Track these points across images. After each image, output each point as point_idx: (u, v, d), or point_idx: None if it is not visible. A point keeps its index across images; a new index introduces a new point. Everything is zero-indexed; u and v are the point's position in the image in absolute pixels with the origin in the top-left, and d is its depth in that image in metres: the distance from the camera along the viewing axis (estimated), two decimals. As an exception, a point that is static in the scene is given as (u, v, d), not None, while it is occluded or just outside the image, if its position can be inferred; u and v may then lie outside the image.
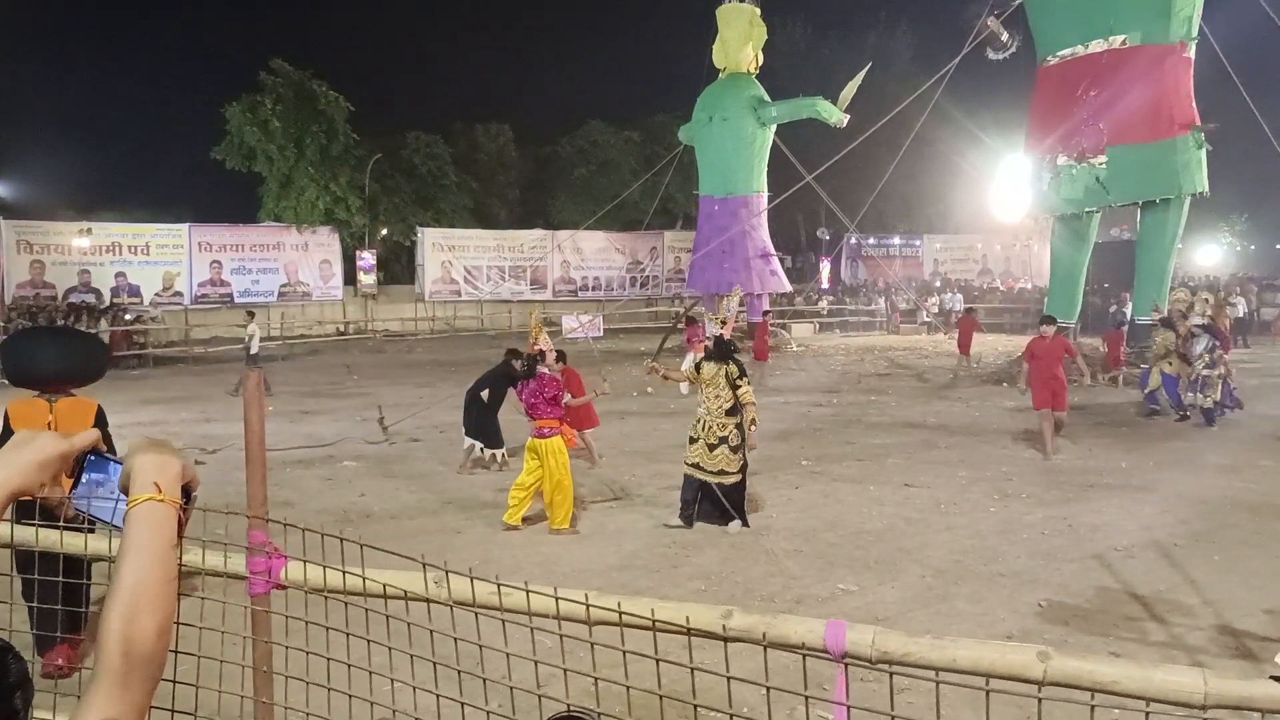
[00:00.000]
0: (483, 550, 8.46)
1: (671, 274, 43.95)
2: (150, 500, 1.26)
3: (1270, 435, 13.61)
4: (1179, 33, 19.66)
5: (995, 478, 11.09)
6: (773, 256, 30.69)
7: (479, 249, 40.93)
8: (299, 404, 17.95)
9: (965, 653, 2.13)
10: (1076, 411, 16.15)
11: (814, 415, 16.15)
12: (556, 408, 9.10)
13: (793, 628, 2.27)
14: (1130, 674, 2.01)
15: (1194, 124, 19.70)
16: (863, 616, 6.43)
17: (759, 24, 30.02)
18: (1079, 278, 22.69)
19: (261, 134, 35.67)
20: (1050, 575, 7.51)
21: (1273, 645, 5.96)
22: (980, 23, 22.18)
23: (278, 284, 37.10)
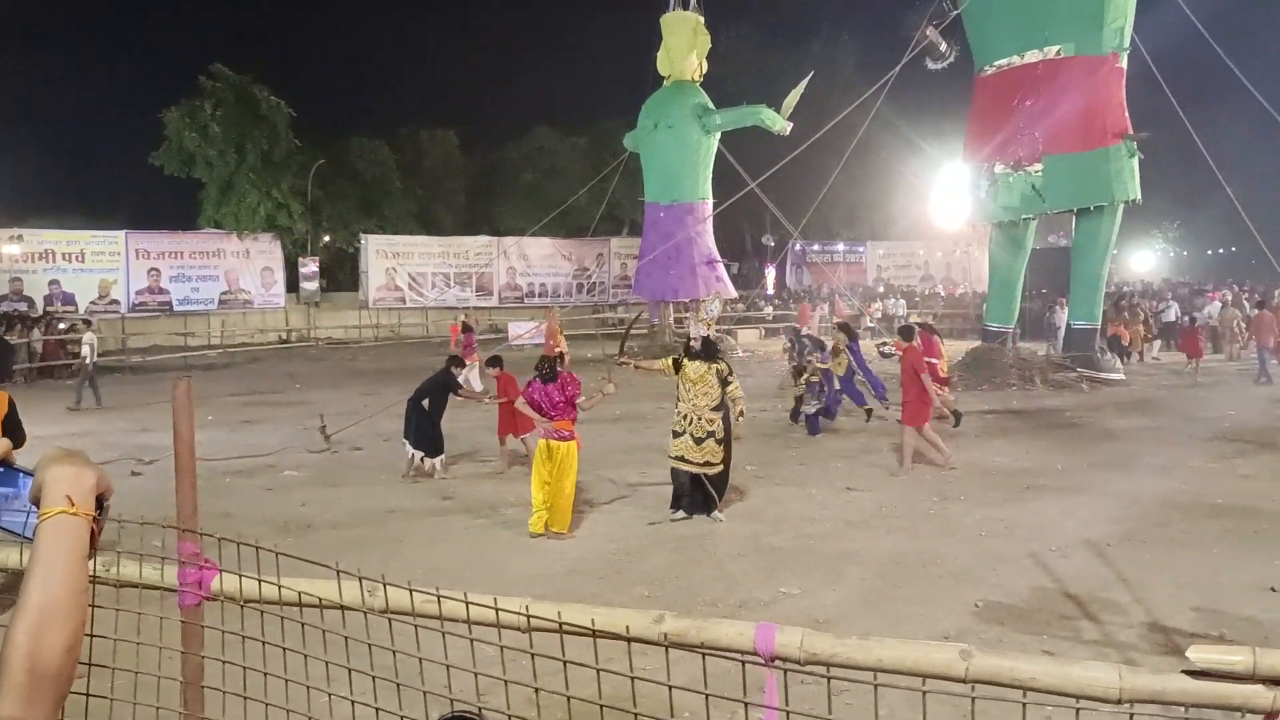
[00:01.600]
0: (427, 559, 8.42)
1: (618, 280, 43.98)
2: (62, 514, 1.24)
3: (1199, 437, 13.94)
4: (1111, 44, 20.11)
5: (935, 480, 11.25)
6: (718, 263, 30.85)
7: (424, 256, 40.65)
8: (239, 413, 17.71)
9: (890, 652, 2.17)
10: (1016, 415, 16.47)
11: (759, 420, 16.23)
12: (574, 409, 9.33)
13: (723, 630, 2.30)
14: (1049, 670, 2.07)
15: (1126, 133, 20.16)
16: (804, 619, 6.50)
17: (703, 32, 30.18)
18: (1017, 284, 23.08)
19: (201, 139, 35.16)
20: (988, 575, 7.65)
21: (1201, 642, 6.11)
22: (919, 33, 22.49)
23: (218, 291, 36.55)
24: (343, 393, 20.69)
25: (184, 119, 35.02)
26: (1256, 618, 6.61)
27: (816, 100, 29.68)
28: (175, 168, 36.03)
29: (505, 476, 11.93)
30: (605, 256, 44.24)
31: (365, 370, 26.72)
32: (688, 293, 30.10)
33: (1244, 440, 13.55)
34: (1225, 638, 6.17)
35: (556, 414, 9.23)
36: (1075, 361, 21.00)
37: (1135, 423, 15.51)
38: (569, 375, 9.48)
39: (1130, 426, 15.15)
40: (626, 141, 31.85)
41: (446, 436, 12.24)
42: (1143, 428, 15.04)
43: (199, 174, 36.22)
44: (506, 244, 41.29)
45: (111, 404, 19.23)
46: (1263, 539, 8.61)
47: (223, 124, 35.18)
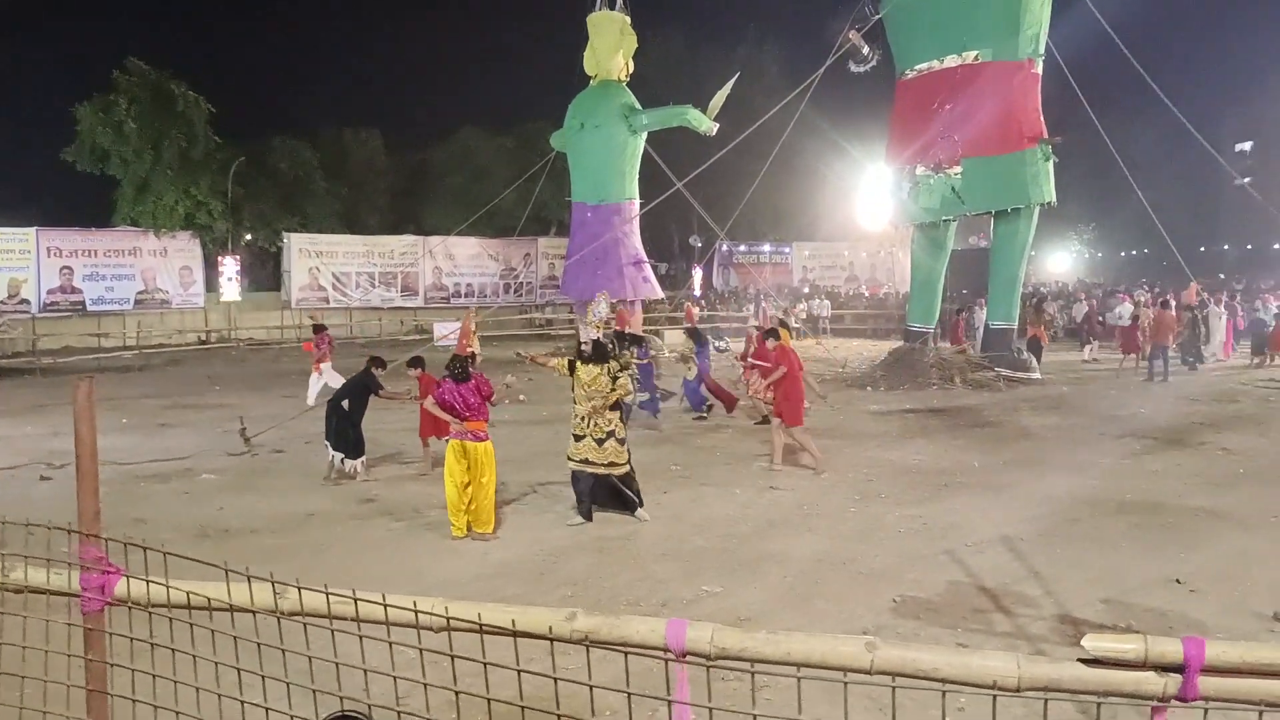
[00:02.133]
0: (348, 563, 8.32)
1: (545, 280, 43.86)
2: None
3: (1110, 436, 14.34)
4: (1027, 50, 20.60)
5: (856, 480, 11.42)
6: (645, 263, 30.91)
7: (348, 255, 40.09)
8: (156, 416, 17.31)
9: (798, 646, 2.22)
10: (936, 414, 16.78)
11: (682, 421, 16.35)
12: (484, 409, 9.29)
13: (635, 627, 2.33)
14: (950, 660, 2.13)
15: (1042, 137, 20.66)
16: (726, 618, 6.56)
17: (629, 32, 30.20)
18: (938, 284, 23.53)
19: (115, 136, 34.25)
20: (905, 572, 7.78)
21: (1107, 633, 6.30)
22: (842, 37, 22.82)
23: (134, 291, 35.63)
24: (264, 395, 20.34)
25: (97, 115, 34.09)
26: (1162, 609, 6.82)
27: (742, 102, 29.93)
28: (89, 164, 35.05)
29: (428, 478, 11.82)
30: (532, 256, 44.08)
31: (288, 372, 26.25)
32: (615, 293, 30.06)
33: (1152, 438, 13.97)
34: (1132, 628, 6.36)
35: (470, 414, 9.18)
36: (994, 361, 21.46)
37: (1049, 421, 15.90)
38: (481, 375, 9.44)
39: (1045, 425, 15.53)
40: (553, 141, 31.78)
41: (369, 439, 12.10)
42: (1056, 426, 15.42)
43: (114, 171, 35.29)
44: (432, 244, 40.93)
45: (21, 407, 18.66)
46: (1169, 533, 8.90)
47: (138, 120, 34.31)
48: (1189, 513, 9.62)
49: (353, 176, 44.36)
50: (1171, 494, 10.44)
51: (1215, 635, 5.95)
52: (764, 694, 4.76)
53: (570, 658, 2.46)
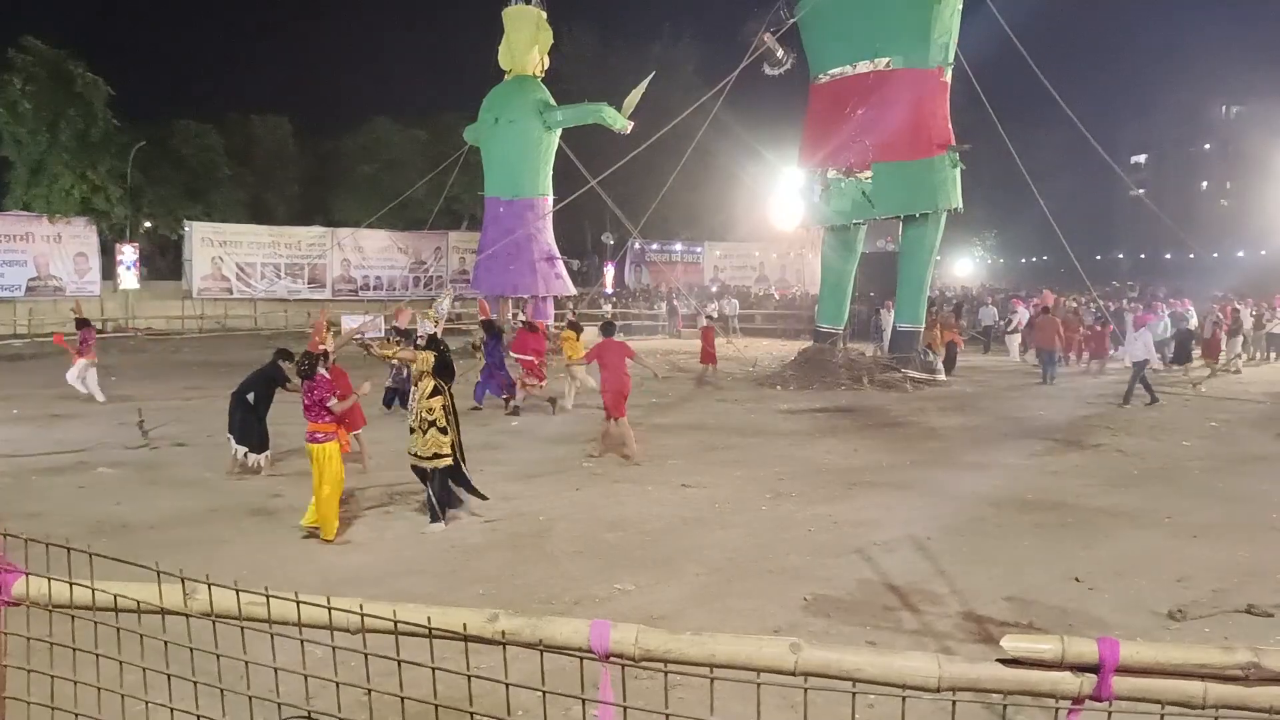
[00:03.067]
0: (252, 560, 8.11)
1: (456, 275, 43.42)
2: None
3: (1014, 435, 14.73)
4: (937, 59, 21.06)
5: (769, 478, 11.52)
6: (558, 259, 30.86)
7: (253, 245, 39.17)
8: (49, 407, 16.68)
9: (724, 647, 2.21)
10: (846, 414, 17.04)
11: (597, 417, 16.26)
12: (328, 410, 8.90)
13: (559, 629, 2.30)
14: (873, 661, 2.15)
15: (950, 144, 21.14)
16: (640, 616, 6.56)
17: (545, 28, 30.11)
18: (848, 286, 23.91)
19: (9, 116, 33.00)
20: (816, 570, 7.88)
21: (1011, 630, 6.46)
22: (757, 39, 23.02)
23: (26, 277, 34.30)
24: (164, 386, 19.75)
25: (-10, 93, 32.79)
26: (1063, 606, 7.02)
27: (657, 101, 30.04)
28: (-21, 145, 33.71)
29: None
30: (443, 250, 43.62)
31: (189, 363, 25.57)
32: (527, 289, 30.00)
33: (1053, 439, 14.38)
34: (1034, 625, 6.53)
35: (310, 414, 8.91)
36: (900, 362, 21.88)
37: (955, 421, 16.27)
38: (324, 377, 9.01)
39: (950, 425, 15.88)
40: (467, 135, 31.51)
41: (275, 433, 11.82)
42: (961, 426, 15.79)
43: (7, 152, 33.96)
44: (341, 235, 40.24)
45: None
46: (1069, 531, 9.17)
47: (33, 100, 33.08)
48: (1087, 512, 9.92)
49: (260, 164, 43.40)
50: (1071, 493, 10.77)
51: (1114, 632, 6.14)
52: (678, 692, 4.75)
53: (483, 656, 2.42)
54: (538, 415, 16.47)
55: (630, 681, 2.34)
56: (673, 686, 2.88)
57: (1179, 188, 66.43)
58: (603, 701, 2.32)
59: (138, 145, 36.12)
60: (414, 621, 2.37)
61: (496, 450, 13.29)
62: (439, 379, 9.28)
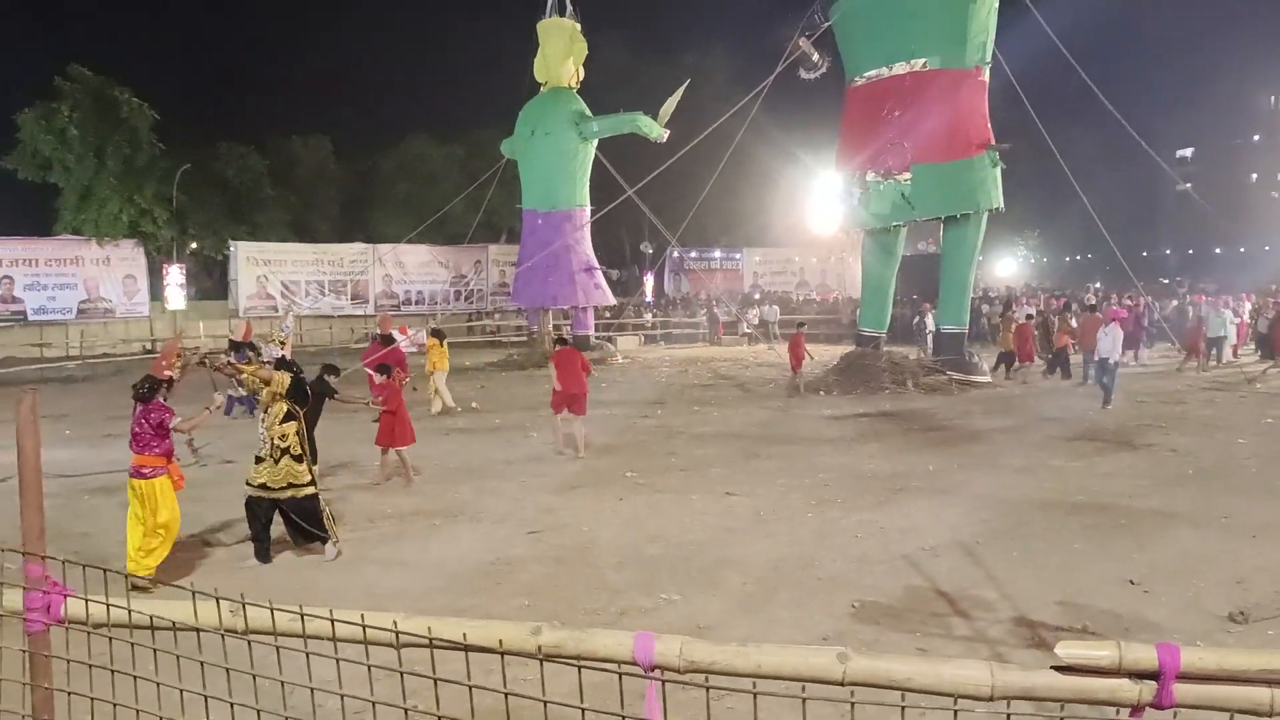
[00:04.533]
0: (296, 578, 8.15)
1: (496, 287, 43.69)
2: None
3: (1059, 437, 14.50)
4: (974, 58, 20.85)
5: (812, 485, 11.42)
6: (597, 270, 30.88)
7: (297, 263, 39.66)
8: (102, 428, 16.91)
9: (770, 658, 2.17)
10: (890, 418, 16.88)
11: (639, 427, 16.30)
12: (163, 440, 8.00)
13: (602, 641, 2.26)
14: (923, 670, 2.09)
15: (989, 144, 20.91)
16: (685, 626, 6.52)
17: (579, 39, 30.20)
18: (889, 289, 23.72)
19: (58, 143, 33.64)
20: (863, 577, 7.78)
21: (1065, 635, 6.33)
22: (792, 44, 22.96)
23: (77, 300, 34.94)
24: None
25: (39, 122, 33.44)
26: (1116, 611, 6.87)
27: (693, 109, 30.00)
28: (30, 172, 34.41)
29: (381, 489, 11.67)
30: (483, 264, 43.90)
31: (235, 382, 25.87)
32: (566, 300, 30.07)
33: (1102, 440, 14.14)
34: (1088, 630, 6.40)
35: (135, 445, 7.95)
36: (946, 365, 21.65)
37: (1001, 424, 16.06)
38: (159, 402, 8.04)
39: (997, 428, 15.68)
40: (504, 148, 31.66)
41: (321, 448, 11.89)
42: (1008, 429, 15.57)
43: (56, 178, 34.64)
44: (382, 251, 40.60)
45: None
46: (1121, 534, 8.99)
47: (81, 127, 33.71)
48: (1140, 513, 9.73)
49: (301, 184, 43.92)
50: (1122, 495, 10.57)
51: (1171, 637, 6.01)
52: (725, 702, 4.70)
53: (526, 668, 2.40)
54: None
55: (679, 693, 2.30)
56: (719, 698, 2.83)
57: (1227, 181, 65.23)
58: (649, 718, 2.29)
59: (182, 168, 36.70)
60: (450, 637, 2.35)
61: (540, 462, 13.31)
62: (293, 403, 8.70)
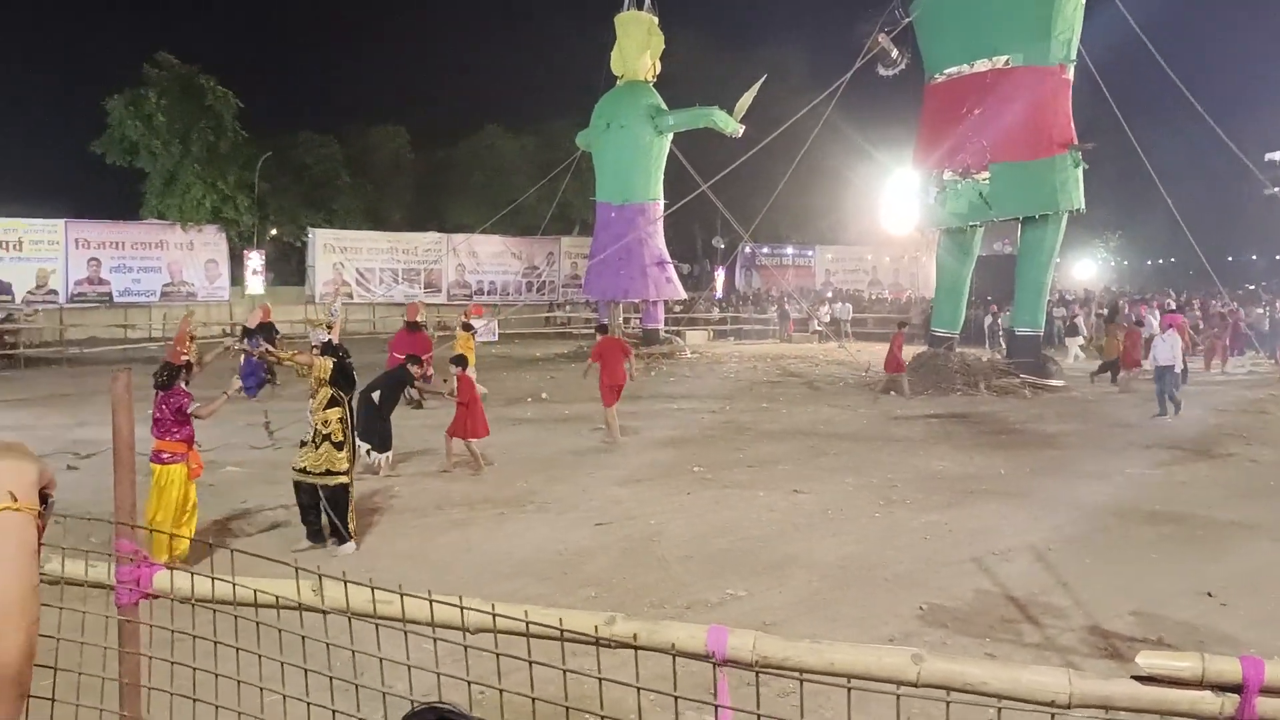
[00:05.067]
0: (369, 559, 8.32)
1: (568, 279, 43.89)
2: (5, 509, 1.20)
3: (1137, 444, 14.19)
4: (1058, 55, 20.45)
5: (880, 484, 11.34)
6: (668, 264, 30.90)
7: (372, 251, 40.24)
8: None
9: (842, 656, 2.17)
10: (961, 420, 16.67)
11: (706, 422, 16.30)
12: (184, 426, 8.11)
13: (675, 633, 2.29)
14: (999, 675, 2.08)
15: (1072, 143, 20.50)
16: (751, 622, 6.52)
17: (656, 33, 30.22)
18: (963, 289, 23.40)
19: (145, 128, 34.45)
20: (931, 579, 7.71)
21: (1139, 645, 6.22)
22: (871, 40, 22.73)
23: (160, 283, 35.82)
24: (290, 389, 20.38)
25: (127, 107, 34.29)
26: (1192, 622, 6.73)
27: (768, 104, 29.83)
28: (118, 157, 35.29)
29: (451, 476, 11.83)
30: (555, 255, 44.13)
31: (310, 366, 26.35)
32: (638, 293, 30.13)
33: (1180, 448, 13.81)
34: (1163, 642, 6.28)
35: (156, 430, 8.05)
36: (1019, 367, 21.30)
37: (1075, 429, 15.77)
38: (180, 388, 8.10)
39: (1070, 432, 15.39)
40: (579, 140, 31.80)
41: (395, 435, 12.09)
42: (1082, 434, 15.29)
43: (142, 163, 35.52)
44: (456, 241, 41.03)
45: (47, 397, 18.80)
46: (1197, 545, 8.79)
47: (167, 114, 34.49)
48: (1218, 525, 9.50)
49: (378, 172, 44.51)
50: (1200, 505, 10.32)
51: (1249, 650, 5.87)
52: (791, 700, 4.70)
53: (585, 659, 2.43)
54: (647, 419, 16.50)
55: (742, 689, 2.32)
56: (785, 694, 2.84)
57: (1318, 186, 63.08)
58: (720, 704, 2.31)
59: (264, 156, 37.43)
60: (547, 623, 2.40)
61: (607, 454, 13.39)
62: (337, 389, 8.73)
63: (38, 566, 1.23)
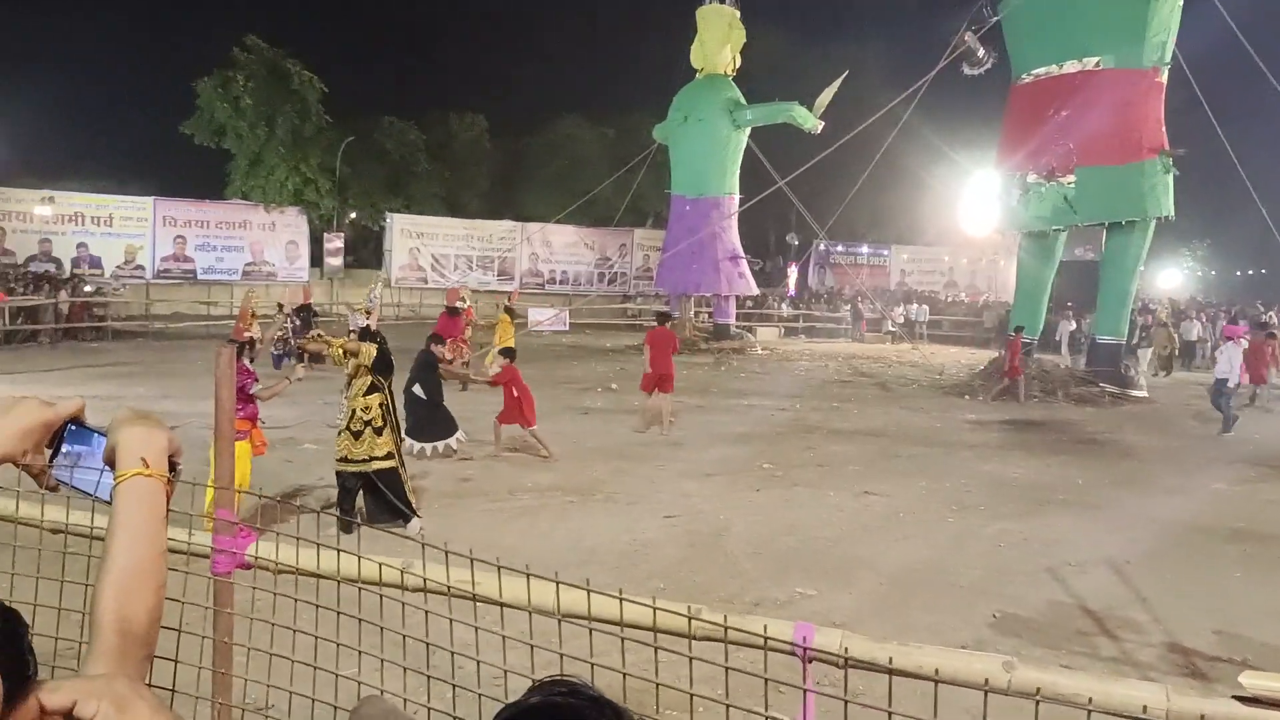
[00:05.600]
0: (438, 541, 8.38)
1: (640, 272, 43.97)
2: (138, 475, 1.24)
3: (1222, 460, 13.82)
4: (1152, 58, 19.93)
5: (953, 489, 11.18)
6: (741, 259, 30.81)
7: (448, 237, 40.73)
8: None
9: (931, 659, 2.15)
10: (1036, 427, 16.37)
11: (776, 419, 16.21)
12: (246, 404, 8.12)
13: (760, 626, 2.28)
14: (1092, 687, 2.04)
15: (1163, 148, 19.99)
16: (821, 621, 6.44)
17: (738, 26, 30.11)
18: (1043, 294, 22.98)
19: (232, 111, 35.26)
20: (1004, 588, 7.59)
21: (1221, 665, 6.06)
22: (957, 38, 22.38)
23: (242, 262, 36.68)
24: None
25: (216, 89, 35.11)
26: (1277, 644, 6.54)
27: (849, 101, 29.57)
28: (205, 137, 36.17)
29: (522, 463, 11.92)
30: (628, 247, 44.23)
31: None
32: (709, 287, 30.09)
33: (1268, 465, 13.41)
34: (1248, 663, 6.10)
35: None
36: (1100, 376, 20.85)
37: (1157, 441, 15.41)
38: (241, 366, 8.03)
39: (1152, 445, 15.04)
40: (656, 133, 31.82)
41: (465, 419, 12.19)
42: (1165, 447, 14.93)
43: (229, 145, 36.34)
44: (530, 230, 41.32)
45: (133, 369, 19.33)
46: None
47: (254, 96, 35.25)
48: (1306, 546, 9.21)
49: (456, 159, 44.96)
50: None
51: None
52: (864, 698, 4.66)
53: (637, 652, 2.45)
54: (717, 415, 16.47)
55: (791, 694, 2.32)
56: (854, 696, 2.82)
57: None
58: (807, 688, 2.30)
59: (346, 140, 38.02)
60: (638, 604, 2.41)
61: (676, 446, 13.39)
62: (377, 375, 8.79)
63: (166, 532, 1.27)
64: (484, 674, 2.56)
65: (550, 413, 15.86)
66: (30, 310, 25.19)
